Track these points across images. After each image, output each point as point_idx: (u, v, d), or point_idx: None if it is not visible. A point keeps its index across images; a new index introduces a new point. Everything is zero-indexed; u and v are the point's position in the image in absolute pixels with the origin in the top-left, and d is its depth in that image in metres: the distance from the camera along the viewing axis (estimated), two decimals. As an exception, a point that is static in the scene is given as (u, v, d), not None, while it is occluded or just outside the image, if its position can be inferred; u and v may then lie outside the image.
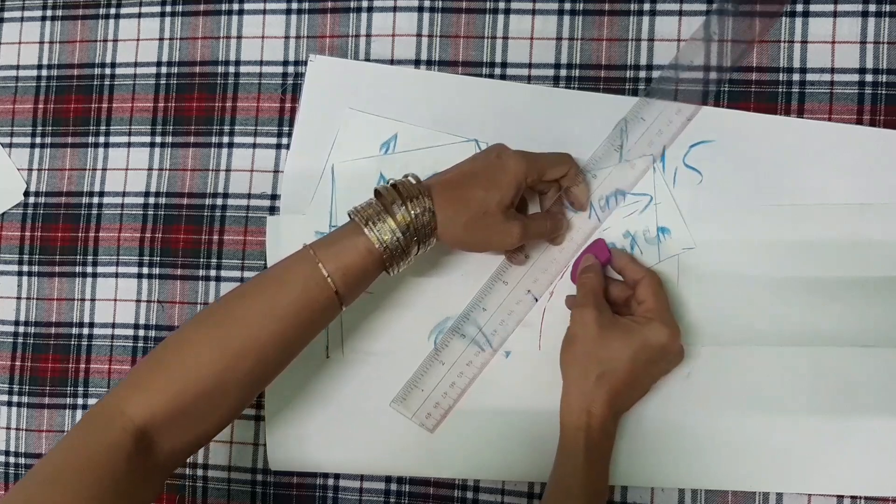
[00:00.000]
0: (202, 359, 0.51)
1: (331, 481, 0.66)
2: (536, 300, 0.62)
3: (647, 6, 0.64)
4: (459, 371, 0.63)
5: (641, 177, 0.62)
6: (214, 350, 0.51)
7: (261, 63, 0.68)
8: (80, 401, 0.69)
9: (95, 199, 0.70)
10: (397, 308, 0.64)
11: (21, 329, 0.71)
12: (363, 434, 0.64)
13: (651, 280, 0.58)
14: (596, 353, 0.56)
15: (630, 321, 0.57)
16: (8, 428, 0.70)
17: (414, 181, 0.55)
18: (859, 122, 0.61)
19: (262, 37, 0.69)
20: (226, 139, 0.68)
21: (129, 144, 0.70)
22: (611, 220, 0.62)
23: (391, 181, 0.55)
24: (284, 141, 0.67)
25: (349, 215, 0.55)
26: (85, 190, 0.70)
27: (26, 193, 0.71)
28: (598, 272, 0.60)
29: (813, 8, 0.62)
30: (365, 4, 0.67)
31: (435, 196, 0.55)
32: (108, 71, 0.71)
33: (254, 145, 0.68)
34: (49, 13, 0.72)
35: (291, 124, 0.67)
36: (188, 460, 0.67)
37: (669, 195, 0.61)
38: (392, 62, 0.67)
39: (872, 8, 0.61)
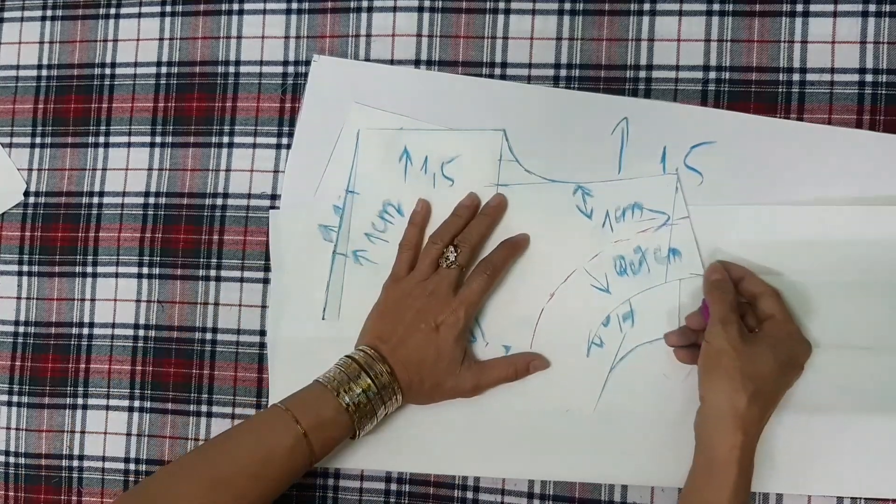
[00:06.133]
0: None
1: (331, 481, 0.66)
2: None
3: (647, 6, 0.64)
4: None
5: (661, 193, 0.61)
6: None
7: (261, 63, 0.68)
8: (80, 401, 0.69)
9: (95, 199, 0.70)
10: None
11: (21, 329, 0.71)
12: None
13: (775, 294, 0.58)
14: (746, 369, 0.53)
15: (769, 336, 0.56)
16: (8, 428, 0.70)
17: (372, 352, 0.59)
18: (859, 122, 0.61)
19: (262, 37, 0.69)
20: (226, 139, 0.68)
21: (129, 144, 0.70)
22: (624, 234, 0.62)
23: (349, 355, 0.60)
24: (284, 141, 0.67)
25: (318, 381, 0.59)
26: (85, 190, 0.70)
27: (26, 193, 0.71)
28: (731, 286, 0.57)
29: (813, 8, 0.62)
30: (365, 4, 0.67)
31: (393, 366, 0.59)
32: (107, 71, 0.71)
33: (254, 145, 0.68)
34: (49, 13, 0.72)
35: (292, 124, 0.67)
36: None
37: (687, 218, 0.61)
38: (392, 62, 0.67)
39: (872, 8, 0.61)
